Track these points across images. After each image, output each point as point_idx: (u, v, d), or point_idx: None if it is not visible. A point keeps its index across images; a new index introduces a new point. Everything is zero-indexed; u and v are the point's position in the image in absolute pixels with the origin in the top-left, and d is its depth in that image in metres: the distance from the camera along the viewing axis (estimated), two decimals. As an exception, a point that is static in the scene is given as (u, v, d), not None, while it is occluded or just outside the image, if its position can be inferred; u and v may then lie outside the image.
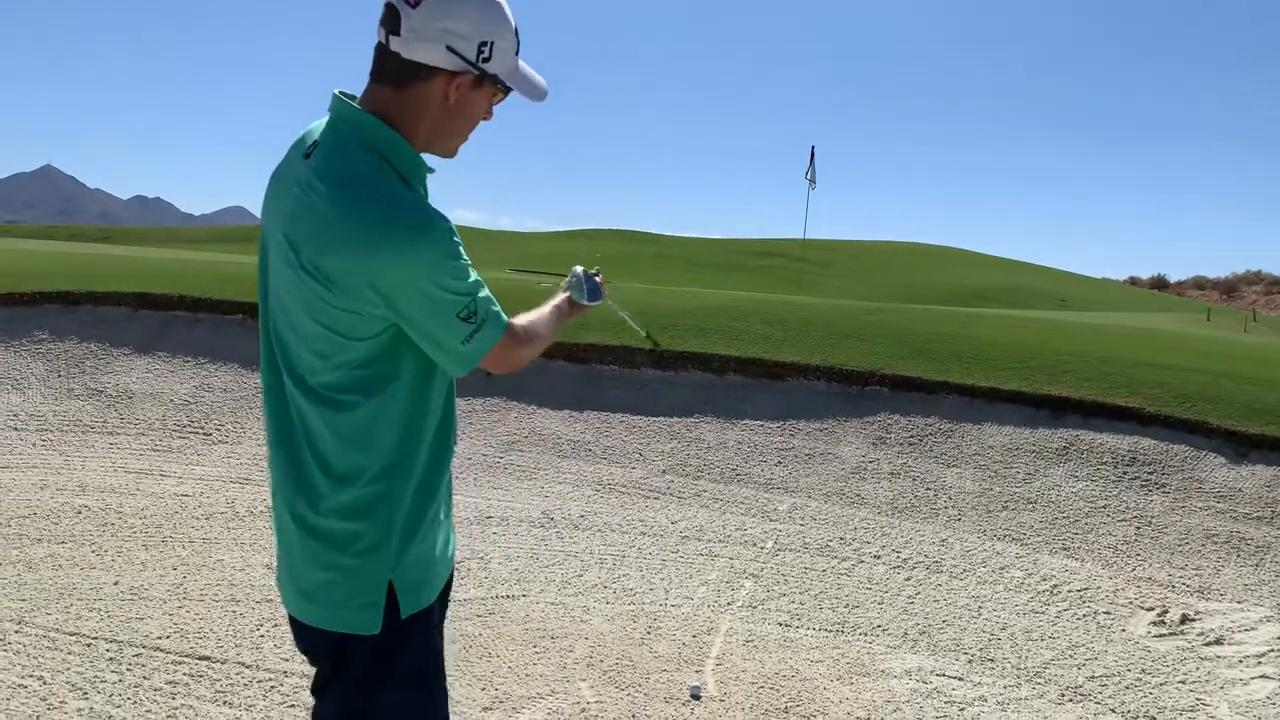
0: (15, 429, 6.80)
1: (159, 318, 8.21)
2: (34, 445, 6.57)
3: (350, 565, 1.72)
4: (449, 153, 1.79)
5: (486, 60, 1.69)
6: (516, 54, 1.75)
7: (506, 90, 1.76)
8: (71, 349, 7.82)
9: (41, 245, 16.85)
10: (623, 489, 6.37)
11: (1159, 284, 60.50)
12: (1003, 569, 5.34)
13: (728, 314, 8.91)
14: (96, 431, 6.87)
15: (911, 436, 6.90)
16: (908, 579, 5.17)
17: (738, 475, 6.59)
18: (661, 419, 7.28)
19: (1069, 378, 7.24)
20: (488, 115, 1.78)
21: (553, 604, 4.57)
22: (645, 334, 2.96)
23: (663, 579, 4.99)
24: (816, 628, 4.49)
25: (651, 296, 9.94)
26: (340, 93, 1.71)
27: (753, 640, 4.29)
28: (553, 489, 6.32)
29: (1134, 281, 64.06)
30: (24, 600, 4.18)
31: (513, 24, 1.72)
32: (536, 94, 1.80)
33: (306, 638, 1.80)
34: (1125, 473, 6.29)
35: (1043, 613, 4.80)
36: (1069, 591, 5.06)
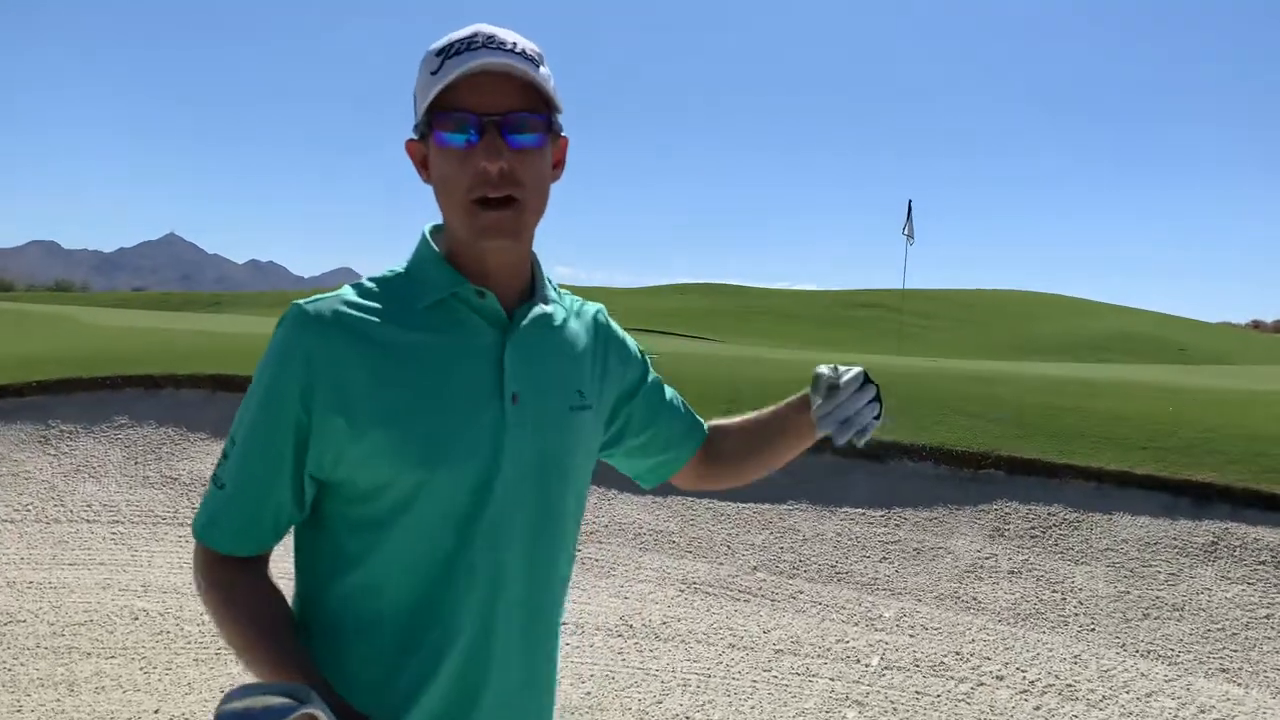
0: (88, 521, 6.66)
1: (236, 400, 8.04)
2: (104, 539, 6.40)
3: None
4: (467, 234, 1.24)
5: (416, 115, 1.27)
6: (435, 72, 1.20)
7: (427, 131, 1.23)
8: (150, 434, 7.72)
9: (145, 317, 17.35)
10: (709, 589, 5.83)
11: (1286, 327, 56.87)
12: (1149, 695, 4.60)
13: (823, 386, 8.32)
14: (167, 523, 6.68)
15: (1033, 528, 6.18)
16: (1037, 708, 4.48)
17: (837, 573, 5.98)
18: (751, 505, 6.73)
19: (1211, 459, 6.42)
20: (476, 171, 1.20)
21: (627, 741, 4.05)
22: None
23: (753, 707, 4.42)
24: (932, 777, 3.86)
25: (735, 367, 9.43)
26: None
27: (857, 794, 3.70)
28: (632, 588, 5.82)
29: (1258, 325, 60.44)
30: (56, 735, 3.88)
31: (438, 46, 1.22)
32: (433, 76, 1.19)
33: None
34: (1290, 575, 5.46)
35: (1205, 758, 4.07)
36: (1235, 729, 4.30)
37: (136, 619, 5.19)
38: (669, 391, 1.59)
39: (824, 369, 1.54)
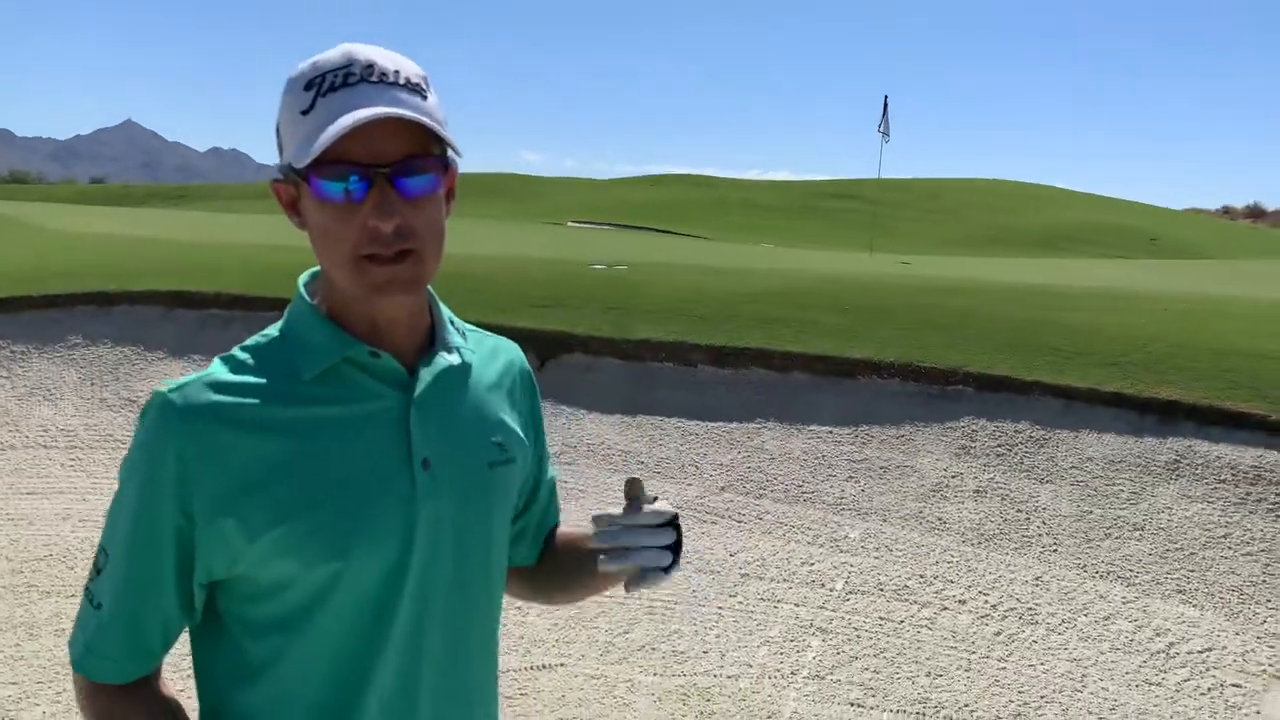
0: (45, 446, 6.54)
1: (194, 317, 7.87)
2: (62, 465, 6.29)
3: None
4: (356, 291, 1.08)
5: (281, 152, 1.09)
6: (306, 111, 1.03)
7: (301, 176, 1.04)
8: (105, 354, 7.53)
9: (101, 217, 16.83)
10: (677, 511, 5.83)
11: (1255, 212, 57.00)
12: (1107, 619, 4.69)
13: (792, 300, 8.23)
14: (126, 447, 6.56)
15: (999, 446, 6.21)
16: (998, 634, 4.56)
17: (804, 493, 6.00)
18: (720, 424, 6.70)
19: (1179, 376, 6.44)
20: (372, 224, 1.03)
21: (592, 676, 4.08)
22: None
23: (718, 636, 4.46)
24: (895, 710, 3.92)
25: (707, 279, 9.29)
26: None
27: (819, 729, 3.76)
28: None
29: (1228, 211, 60.44)
30: (15, 684, 3.83)
31: (305, 76, 1.05)
32: (310, 148, 1.00)
33: None
34: (1249, 494, 5.53)
35: (1159, 684, 4.16)
36: (1188, 654, 4.40)
37: (97, 552, 5.13)
38: (551, 470, 1.44)
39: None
